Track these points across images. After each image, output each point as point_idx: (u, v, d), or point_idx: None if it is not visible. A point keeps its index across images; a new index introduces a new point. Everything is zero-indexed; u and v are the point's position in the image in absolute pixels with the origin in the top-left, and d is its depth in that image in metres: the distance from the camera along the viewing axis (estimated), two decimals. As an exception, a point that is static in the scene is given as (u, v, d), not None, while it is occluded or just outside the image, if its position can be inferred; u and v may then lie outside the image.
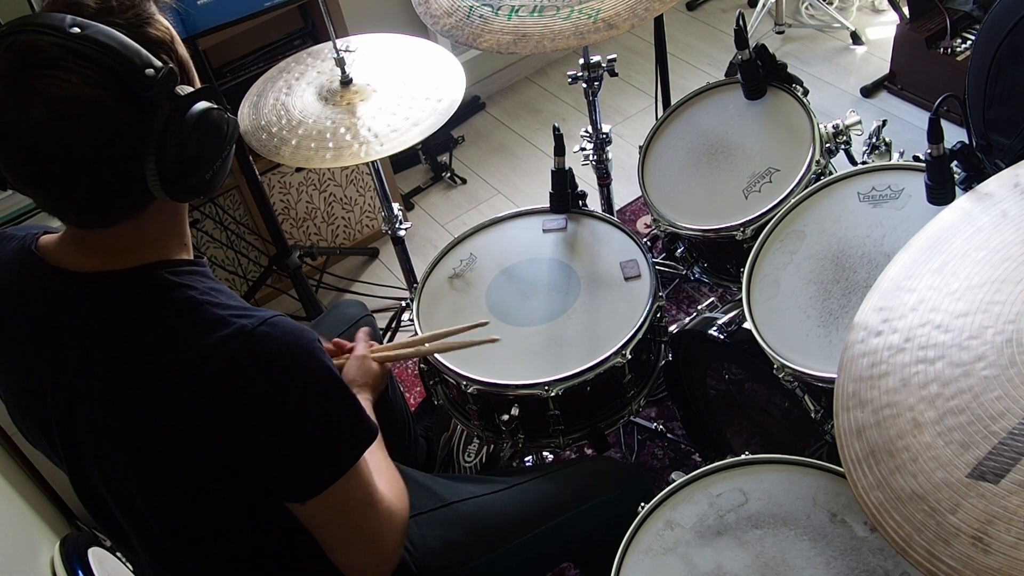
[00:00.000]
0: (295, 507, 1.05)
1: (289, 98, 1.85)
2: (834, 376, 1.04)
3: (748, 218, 1.64)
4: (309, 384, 1.00)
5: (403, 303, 2.48)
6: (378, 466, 1.22)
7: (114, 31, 0.90)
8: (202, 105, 0.96)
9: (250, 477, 1.01)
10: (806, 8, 3.31)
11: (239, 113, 1.87)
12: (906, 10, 2.80)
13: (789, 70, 1.78)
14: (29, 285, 1.04)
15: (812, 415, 1.44)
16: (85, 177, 0.93)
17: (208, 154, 0.98)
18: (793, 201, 1.58)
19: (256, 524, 1.09)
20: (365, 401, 1.38)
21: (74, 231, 1.03)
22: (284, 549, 1.12)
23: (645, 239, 2.25)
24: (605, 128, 2.10)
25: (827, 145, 1.70)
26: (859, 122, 1.71)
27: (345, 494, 1.05)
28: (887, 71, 2.93)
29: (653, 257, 1.69)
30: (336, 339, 1.53)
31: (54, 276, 1.02)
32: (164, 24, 0.98)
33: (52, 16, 0.90)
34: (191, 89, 0.95)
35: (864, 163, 1.65)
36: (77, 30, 0.88)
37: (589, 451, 2.10)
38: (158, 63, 0.92)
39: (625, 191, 2.76)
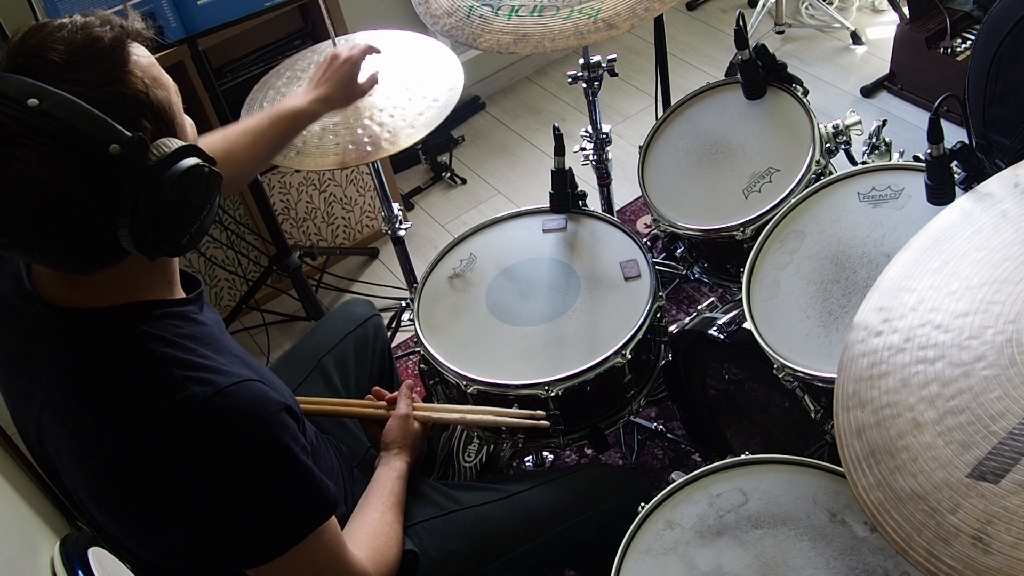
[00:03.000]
0: (249, 572, 1.04)
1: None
2: (834, 376, 1.04)
3: (748, 218, 1.64)
4: (254, 461, 0.98)
5: (403, 303, 2.48)
6: (371, 531, 1.22)
7: (77, 101, 0.84)
8: (179, 168, 0.89)
9: (192, 538, 1.00)
10: (806, 8, 3.31)
11: (241, 116, 1.87)
12: (906, 10, 2.80)
13: (789, 70, 1.78)
14: (17, 306, 1.03)
15: (812, 415, 1.44)
16: (53, 246, 0.89)
17: (186, 217, 0.93)
18: (793, 201, 1.58)
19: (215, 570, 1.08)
20: (401, 462, 1.38)
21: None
22: None
23: (645, 239, 2.25)
24: (605, 128, 2.10)
25: (827, 145, 1.70)
26: (859, 122, 1.71)
27: (291, 567, 1.03)
28: (887, 71, 2.93)
29: (653, 257, 1.69)
30: (376, 387, 1.54)
31: (34, 303, 1.00)
32: (139, 70, 0.90)
33: (10, 81, 0.84)
34: (167, 147, 0.89)
35: (864, 163, 1.65)
36: (35, 102, 0.82)
37: (589, 451, 2.10)
38: (125, 135, 0.86)
39: (625, 191, 2.76)
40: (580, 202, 1.81)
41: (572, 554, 1.48)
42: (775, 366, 1.40)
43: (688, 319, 1.75)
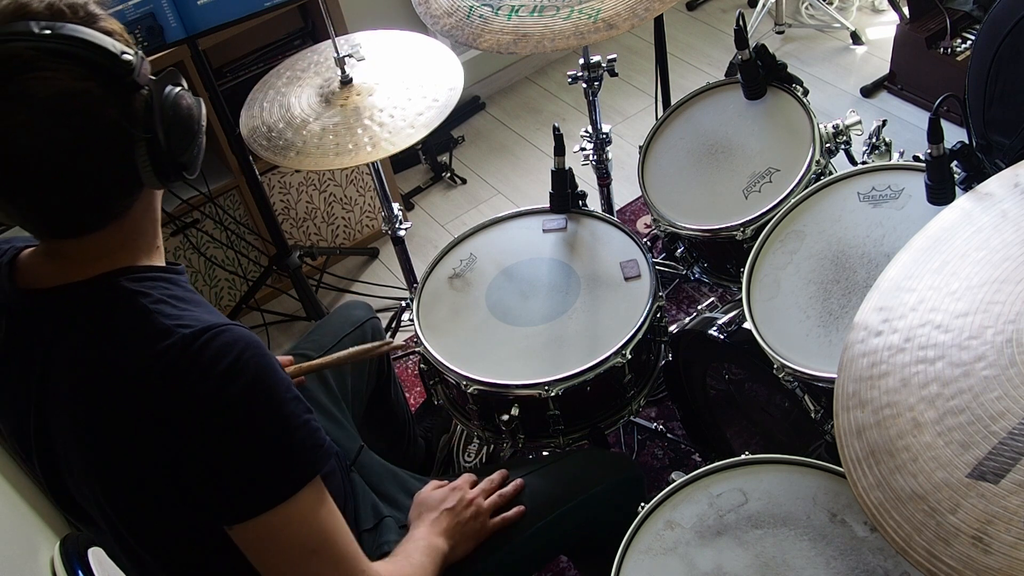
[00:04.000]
0: (233, 533, 1.01)
1: (290, 99, 1.85)
2: (834, 376, 1.04)
3: (748, 218, 1.64)
4: (246, 392, 0.97)
5: (403, 303, 2.48)
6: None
7: (81, 26, 0.92)
8: (178, 81, 0.99)
9: (186, 492, 0.99)
10: (806, 8, 3.31)
11: (241, 117, 1.88)
12: (906, 10, 2.80)
13: (789, 70, 1.78)
14: (2, 302, 1.04)
15: (812, 415, 1.44)
16: (80, 177, 0.93)
17: (190, 132, 1.01)
18: (793, 201, 1.58)
19: (215, 542, 1.05)
20: (439, 555, 1.26)
21: (47, 244, 1.03)
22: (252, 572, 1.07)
23: (645, 239, 2.25)
24: (605, 128, 2.10)
25: (827, 145, 1.70)
26: (859, 122, 1.71)
27: (278, 529, 1.00)
28: (887, 71, 2.93)
29: (653, 257, 1.69)
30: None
31: (22, 297, 1.02)
32: (112, 18, 0.98)
33: (13, 24, 0.89)
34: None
35: (864, 163, 1.65)
36: (48, 31, 0.89)
37: (589, 451, 2.10)
38: (130, 49, 0.94)
39: (625, 191, 2.76)
40: (580, 202, 1.81)
41: (567, 539, 1.47)
42: (775, 366, 1.40)
43: (688, 319, 1.74)
